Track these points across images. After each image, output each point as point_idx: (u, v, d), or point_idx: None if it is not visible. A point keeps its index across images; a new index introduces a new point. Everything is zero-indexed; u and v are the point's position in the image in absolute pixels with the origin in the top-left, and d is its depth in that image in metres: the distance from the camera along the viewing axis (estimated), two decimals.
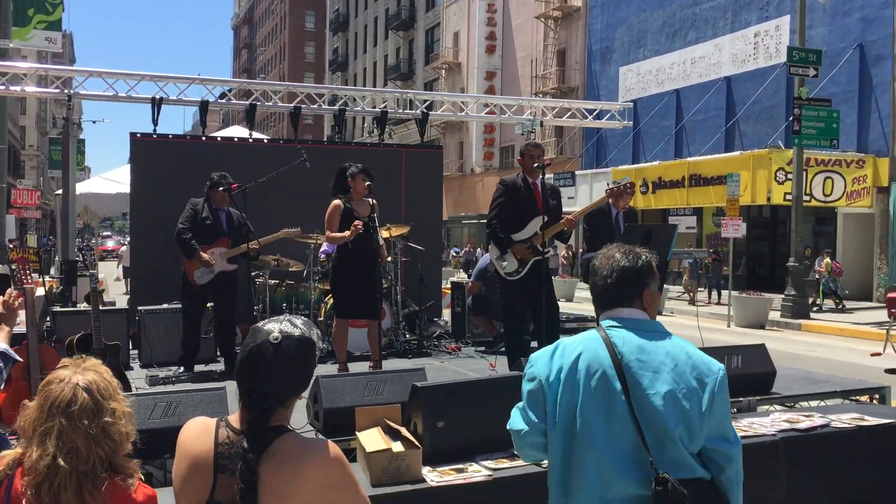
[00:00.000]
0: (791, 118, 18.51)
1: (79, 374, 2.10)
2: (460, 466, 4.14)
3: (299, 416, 4.93)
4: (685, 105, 28.99)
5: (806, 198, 19.52)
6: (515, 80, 40.26)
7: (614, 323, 2.37)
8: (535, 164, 6.38)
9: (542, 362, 2.40)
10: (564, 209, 6.93)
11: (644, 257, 2.44)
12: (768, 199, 21.75)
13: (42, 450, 2.00)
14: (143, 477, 2.16)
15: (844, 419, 4.90)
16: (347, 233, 6.37)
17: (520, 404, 2.48)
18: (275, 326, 2.02)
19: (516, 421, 2.47)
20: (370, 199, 6.65)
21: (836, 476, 4.68)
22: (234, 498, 1.91)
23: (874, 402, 5.83)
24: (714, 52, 27.84)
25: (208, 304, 7.30)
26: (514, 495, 4.03)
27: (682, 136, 29.01)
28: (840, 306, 19.76)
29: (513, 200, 6.50)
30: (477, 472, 4.10)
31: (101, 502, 2.00)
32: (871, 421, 4.87)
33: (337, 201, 6.63)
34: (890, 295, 6.37)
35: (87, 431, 2.00)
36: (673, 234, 6.76)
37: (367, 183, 6.56)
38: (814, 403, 5.64)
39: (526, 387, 2.44)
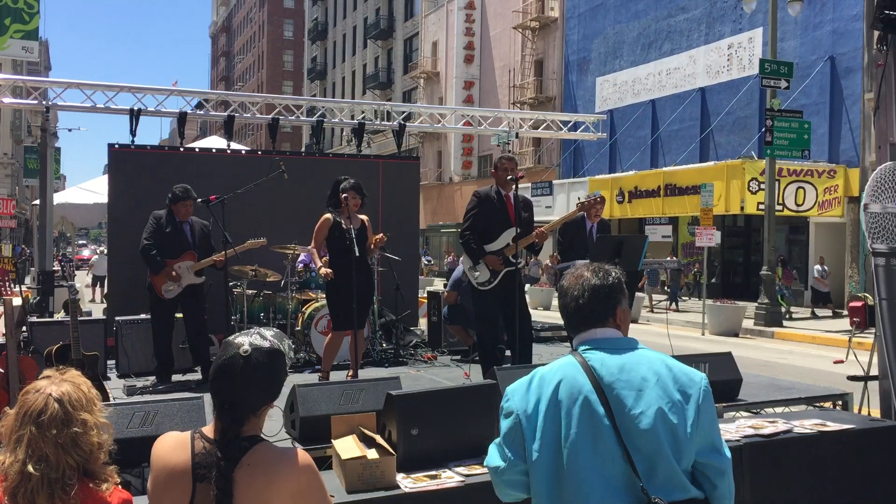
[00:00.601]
0: (763, 129, 18.84)
1: (54, 385, 2.18)
2: (434, 473, 4.24)
3: (275, 425, 5.02)
4: (661, 115, 29.34)
5: (778, 207, 19.84)
6: (493, 89, 40.52)
7: (589, 346, 2.30)
8: (509, 177, 6.52)
9: (519, 395, 2.30)
10: (541, 218, 7.10)
11: (614, 273, 2.37)
12: (742, 208, 22.07)
13: (13, 456, 2.10)
14: (119, 482, 2.25)
15: (807, 425, 5.05)
16: (323, 269, 6.65)
17: (497, 440, 2.37)
18: (245, 340, 2.12)
19: (493, 458, 2.36)
20: (363, 217, 6.83)
21: (798, 480, 4.82)
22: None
23: (837, 408, 6.00)
24: (689, 63, 28.22)
25: (177, 315, 7.34)
26: (486, 501, 4.14)
27: (658, 146, 29.35)
28: (788, 314, 20.06)
29: (486, 212, 6.62)
30: (450, 478, 4.19)
31: None
32: (833, 426, 5.02)
33: (328, 215, 6.76)
34: (852, 304, 6.52)
35: (55, 440, 2.09)
36: (644, 245, 6.92)
37: (344, 195, 6.66)
38: (779, 410, 5.80)
39: (503, 423, 2.33)
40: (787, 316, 19.86)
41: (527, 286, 28.29)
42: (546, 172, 34.43)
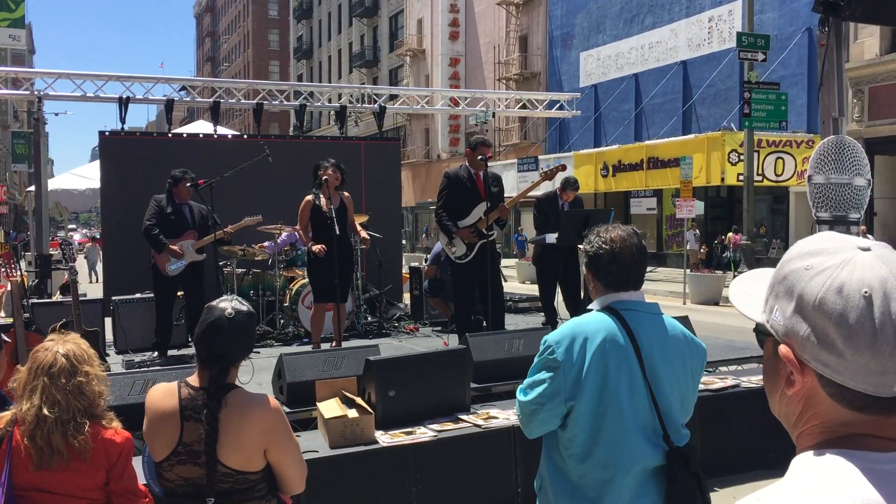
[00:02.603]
0: (742, 101, 19.22)
1: (60, 344, 2.66)
2: (409, 430, 4.68)
3: (266, 392, 5.44)
4: (644, 89, 29.65)
5: (758, 178, 20.25)
6: (479, 66, 40.70)
7: (624, 307, 2.48)
8: (480, 158, 6.92)
9: (564, 346, 2.42)
10: (531, 194, 7.59)
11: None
12: (722, 179, 22.46)
13: (30, 403, 2.56)
14: (119, 425, 2.70)
15: (754, 380, 5.50)
16: (314, 245, 7.03)
17: (532, 379, 2.49)
18: (227, 304, 2.55)
19: (532, 391, 2.46)
20: (343, 193, 7.20)
21: (745, 431, 5.27)
22: (199, 438, 2.46)
23: None
24: (670, 36, 28.50)
25: (179, 294, 7.73)
26: (455, 452, 4.59)
27: (642, 120, 29.69)
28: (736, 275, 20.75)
29: (457, 190, 7.03)
30: (423, 433, 4.64)
31: (84, 443, 2.55)
32: None
33: (308, 197, 7.17)
34: None
35: (64, 388, 2.56)
36: (609, 218, 7.31)
37: (325, 176, 7.04)
38: (732, 368, 6.24)
39: (546, 372, 2.44)
40: (737, 274, 20.45)
41: (515, 261, 28.74)
42: (532, 148, 34.75)
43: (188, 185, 7.37)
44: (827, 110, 6.16)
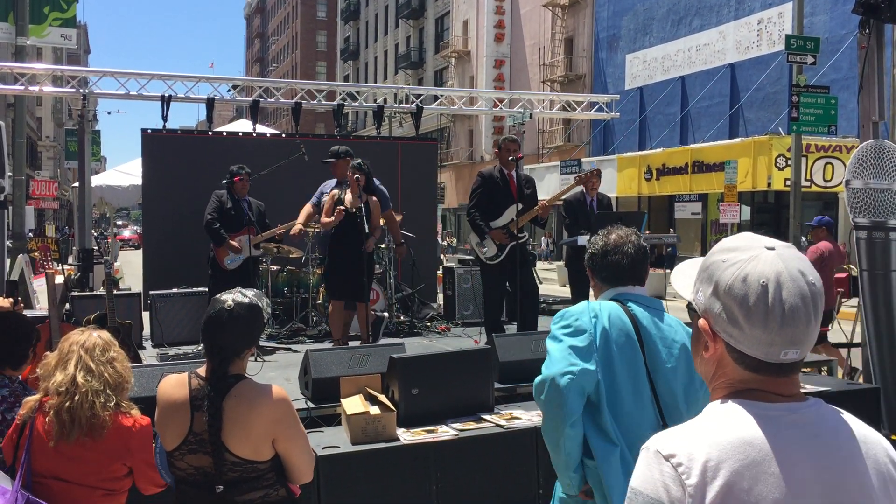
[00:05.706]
0: (791, 105, 18.86)
1: (89, 331, 2.88)
2: (431, 428, 4.68)
3: (292, 387, 5.50)
4: (690, 92, 29.29)
5: (806, 183, 19.82)
6: (524, 68, 40.59)
7: (630, 298, 2.54)
8: (511, 158, 6.90)
9: (586, 317, 2.46)
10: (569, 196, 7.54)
11: (643, 238, 2.70)
12: (769, 184, 22.09)
13: (64, 374, 2.71)
14: (139, 412, 2.79)
15: (807, 387, 5.40)
16: (332, 218, 6.89)
17: (559, 346, 2.45)
18: (229, 297, 2.60)
19: (563, 356, 2.41)
20: (371, 197, 7.07)
21: None
22: (205, 428, 2.49)
23: (822, 373, 6.31)
24: (718, 39, 28.11)
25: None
26: (476, 451, 4.58)
27: (688, 123, 29.33)
28: None
29: (489, 190, 7.00)
30: (445, 432, 4.64)
31: (102, 424, 2.66)
32: (808, 388, 5.36)
33: (335, 190, 7.22)
34: (836, 276, 6.83)
35: (99, 359, 2.76)
36: (642, 221, 7.25)
37: (355, 175, 7.04)
38: None
39: (574, 338, 2.43)
40: None
41: (557, 264, 28.54)
42: (576, 150, 34.56)
43: (237, 179, 7.52)
44: (867, 113, 6.02)
